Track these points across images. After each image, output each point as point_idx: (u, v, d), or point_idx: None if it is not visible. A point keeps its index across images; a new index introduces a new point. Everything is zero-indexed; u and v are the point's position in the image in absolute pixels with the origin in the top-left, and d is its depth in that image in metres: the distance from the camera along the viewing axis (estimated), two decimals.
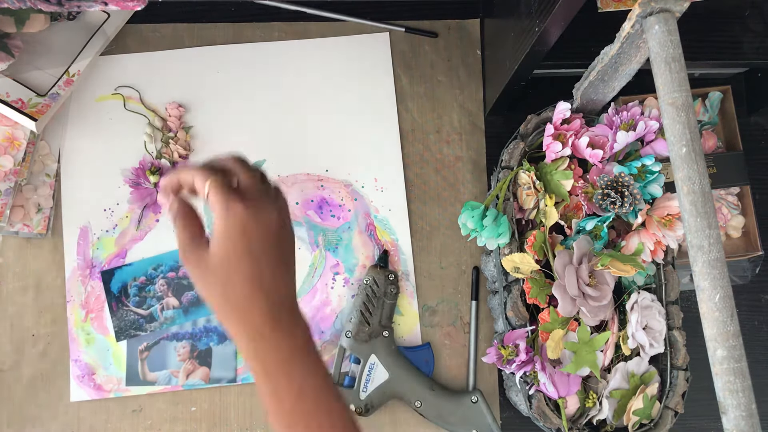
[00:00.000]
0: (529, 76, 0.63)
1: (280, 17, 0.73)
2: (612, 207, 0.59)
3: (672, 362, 0.62)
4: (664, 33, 0.45)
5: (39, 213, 0.68)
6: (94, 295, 0.67)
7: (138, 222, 0.69)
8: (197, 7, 0.73)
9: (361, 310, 0.66)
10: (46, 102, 0.66)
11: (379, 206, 0.71)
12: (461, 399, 0.65)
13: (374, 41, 0.73)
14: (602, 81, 0.57)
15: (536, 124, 0.64)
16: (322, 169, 0.71)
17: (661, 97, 0.45)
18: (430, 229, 0.71)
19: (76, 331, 0.67)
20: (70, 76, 0.68)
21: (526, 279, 0.60)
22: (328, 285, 0.69)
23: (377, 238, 0.70)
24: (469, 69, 0.74)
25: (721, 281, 0.42)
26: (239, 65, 0.72)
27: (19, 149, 0.65)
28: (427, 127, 0.73)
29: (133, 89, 0.71)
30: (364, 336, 0.66)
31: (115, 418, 0.66)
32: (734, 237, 0.70)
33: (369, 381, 0.65)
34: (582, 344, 0.59)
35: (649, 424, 0.61)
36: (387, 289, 0.67)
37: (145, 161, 0.69)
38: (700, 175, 0.43)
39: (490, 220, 0.59)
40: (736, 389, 0.41)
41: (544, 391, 0.58)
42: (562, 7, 0.47)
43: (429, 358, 0.67)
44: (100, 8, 0.59)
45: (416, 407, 0.65)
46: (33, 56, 0.67)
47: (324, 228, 0.70)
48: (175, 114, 0.70)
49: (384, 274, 0.67)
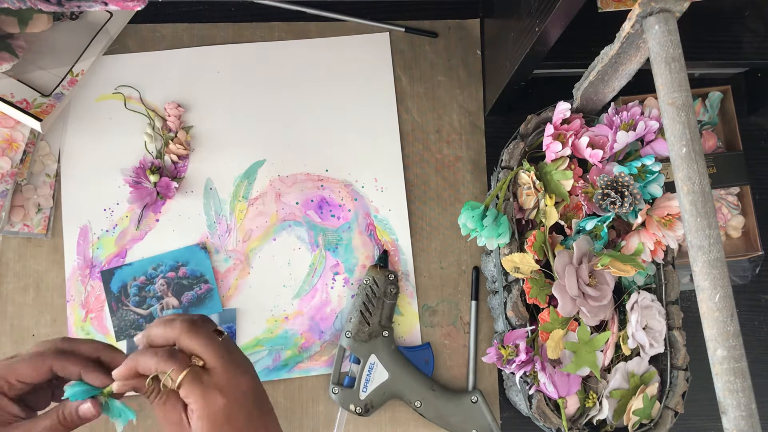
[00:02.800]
0: (529, 76, 0.63)
1: (280, 17, 0.73)
2: (612, 207, 0.59)
3: (672, 362, 0.62)
4: (664, 33, 0.45)
5: (39, 213, 0.68)
6: (93, 295, 0.67)
7: (138, 222, 0.69)
8: (197, 7, 0.73)
9: (360, 310, 0.66)
10: (51, 102, 0.66)
11: (379, 206, 0.71)
12: (461, 399, 0.65)
13: (374, 41, 0.73)
14: (602, 81, 0.57)
15: (536, 124, 0.64)
16: (322, 169, 0.71)
17: (661, 97, 0.45)
18: (430, 229, 0.71)
19: (76, 331, 0.67)
20: (74, 76, 0.68)
21: (526, 279, 0.60)
22: (328, 285, 0.69)
23: (377, 238, 0.70)
24: (469, 69, 0.74)
25: (721, 281, 0.42)
26: (239, 65, 0.72)
27: (17, 151, 0.65)
28: (427, 127, 0.73)
29: (133, 89, 0.71)
30: (364, 336, 0.66)
31: None
32: (734, 237, 0.70)
33: (369, 381, 0.65)
34: (582, 344, 0.59)
35: (649, 424, 0.61)
36: (387, 289, 0.67)
37: (145, 161, 0.69)
38: (700, 175, 0.43)
39: (490, 220, 0.59)
40: (736, 389, 0.41)
41: (544, 391, 0.58)
42: (562, 7, 0.47)
43: (429, 358, 0.67)
44: (100, 8, 0.59)
45: (416, 407, 0.65)
46: (36, 56, 0.67)
47: (324, 228, 0.70)
48: (174, 114, 0.70)
49: (384, 274, 0.67)
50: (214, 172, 0.70)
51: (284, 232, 0.70)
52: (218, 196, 0.70)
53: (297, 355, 0.68)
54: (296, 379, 0.68)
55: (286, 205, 0.70)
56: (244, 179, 0.70)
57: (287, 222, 0.70)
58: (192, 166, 0.70)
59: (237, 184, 0.70)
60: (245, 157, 0.71)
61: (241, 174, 0.70)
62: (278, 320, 0.68)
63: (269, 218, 0.70)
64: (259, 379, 0.48)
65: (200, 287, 0.68)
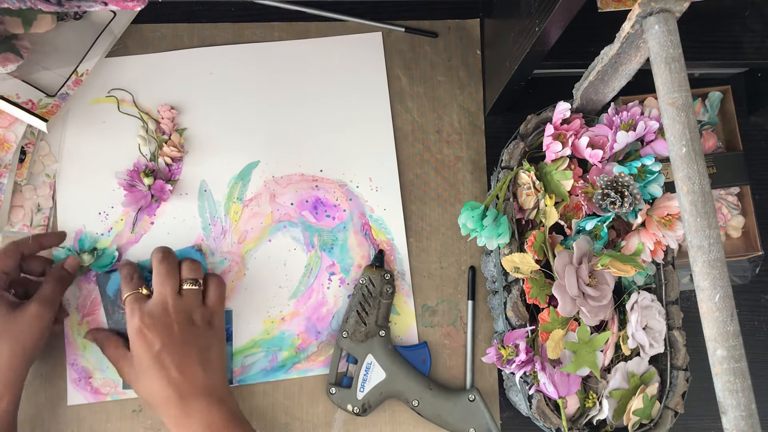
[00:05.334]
0: (529, 76, 0.62)
1: (280, 17, 0.73)
2: (612, 207, 0.59)
3: (672, 362, 0.62)
4: (664, 33, 0.45)
5: (39, 213, 0.68)
6: (89, 299, 0.67)
7: (133, 225, 0.69)
8: (197, 7, 0.73)
9: (357, 310, 0.66)
10: (56, 102, 0.66)
11: (374, 206, 0.71)
12: (459, 397, 0.65)
13: (366, 41, 0.73)
14: (602, 81, 0.57)
15: (536, 124, 0.64)
16: (317, 169, 0.71)
17: (661, 97, 0.45)
18: (431, 229, 0.71)
19: (73, 335, 0.67)
20: (78, 76, 0.68)
21: (526, 279, 0.60)
22: (324, 285, 0.69)
23: (373, 238, 0.70)
24: (469, 69, 0.74)
25: (721, 281, 0.42)
26: (231, 67, 0.72)
27: (8, 152, 0.65)
28: (427, 127, 0.73)
29: (126, 92, 0.71)
30: (361, 336, 0.66)
31: (115, 419, 0.66)
32: (734, 237, 0.70)
33: (366, 381, 0.65)
34: (582, 344, 0.59)
35: (649, 424, 0.61)
36: (383, 288, 0.67)
37: (139, 163, 0.69)
38: (700, 175, 0.43)
39: (490, 220, 0.59)
40: (736, 389, 0.41)
41: (544, 391, 0.58)
42: (562, 7, 0.47)
43: (426, 357, 0.67)
44: (100, 8, 0.59)
45: (413, 406, 0.65)
46: (41, 57, 0.67)
47: (319, 228, 0.70)
48: (168, 116, 0.70)
49: (380, 274, 0.67)
50: (209, 174, 0.70)
51: (279, 233, 0.70)
52: (213, 198, 0.70)
53: (294, 355, 0.68)
54: (295, 379, 0.68)
55: (280, 206, 0.70)
56: (238, 181, 0.70)
57: (282, 223, 0.70)
58: (186, 169, 0.70)
59: (231, 186, 0.70)
60: (239, 158, 0.71)
61: (235, 175, 0.70)
62: (275, 321, 0.68)
63: (264, 219, 0.70)
64: (201, 325, 0.61)
65: None
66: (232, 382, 0.67)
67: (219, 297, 0.63)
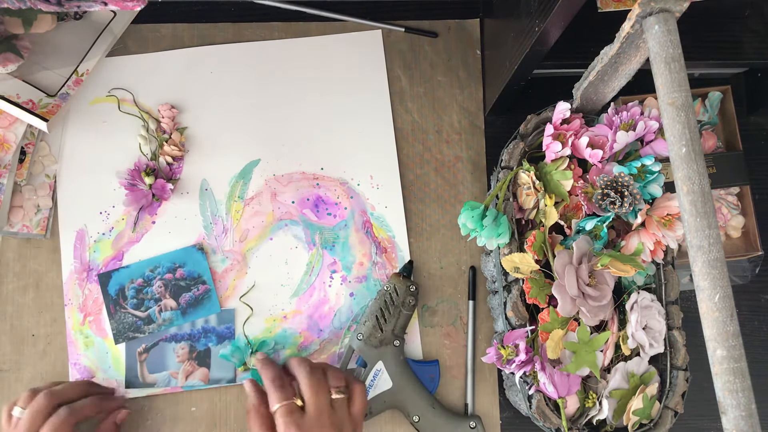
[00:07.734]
0: (529, 76, 0.62)
1: (279, 17, 0.73)
2: (612, 207, 0.59)
3: (672, 362, 0.62)
4: (664, 33, 0.45)
5: (38, 213, 0.68)
6: (91, 298, 0.67)
7: (134, 224, 0.69)
8: (197, 7, 0.73)
9: (376, 315, 0.66)
10: (57, 102, 0.66)
11: (375, 203, 0.71)
12: (459, 422, 0.65)
13: (366, 39, 0.73)
14: (602, 81, 0.57)
15: (536, 124, 0.64)
16: (318, 167, 0.71)
17: (661, 97, 0.45)
18: (431, 229, 0.71)
19: (75, 335, 0.67)
20: (79, 76, 0.68)
21: (526, 279, 0.60)
22: (325, 283, 0.69)
23: (374, 236, 0.70)
24: (469, 69, 0.74)
25: (721, 281, 0.42)
26: (232, 65, 0.72)
27: (8, 152, 0.65)
28: (427, 127, 0.73)
29: (126, 91, 0.71)
30: (375, 341, 0.65)
31: None
32: (734, 237, 0.70)
33: (372, 386, 0.65)
34: (582, 344, 0.59)
35: (649, 424, 0.61)
36: (406, 299, 0.66)
37: (140, 163, 0.69)
38: (700, 175, 0.43)
39: (489, 220, 0.59)
40: (736, 389, 0.41)
41: (544, 391, 0.58)
42: (562, 7, 0.47)
43: (435, 375, 0.67)
44: (100, 8, 0.59)
45: (414, 421, 0.65)
46: (41, 57, 0.67)
47: (320, 226, 0.70)
48: (168, 115, 0.70)
49: (405, 285, 0.67)
50: (210, 173, 0.70)
51: (281, 231, 0.70)
52: (214, 196, 0.70)
53: (296, 353, 0.68)
54: None
55: (282, 204, 0.70)
56: (239, 179, 0.70)
57: (283, 221, 0.70)
58: (187, 168, 0.70)
59: (232, 185, 0.70)
60: (240, 157, 0.71)
61: (236, 174, 0.70)
62: (277, 319, 0.68)
63: (265, 218, 0.70)
64: None
65: (198, 288, 0.68)
66: (235, 381, 0.67)
67: (364, 407, 0.61)
